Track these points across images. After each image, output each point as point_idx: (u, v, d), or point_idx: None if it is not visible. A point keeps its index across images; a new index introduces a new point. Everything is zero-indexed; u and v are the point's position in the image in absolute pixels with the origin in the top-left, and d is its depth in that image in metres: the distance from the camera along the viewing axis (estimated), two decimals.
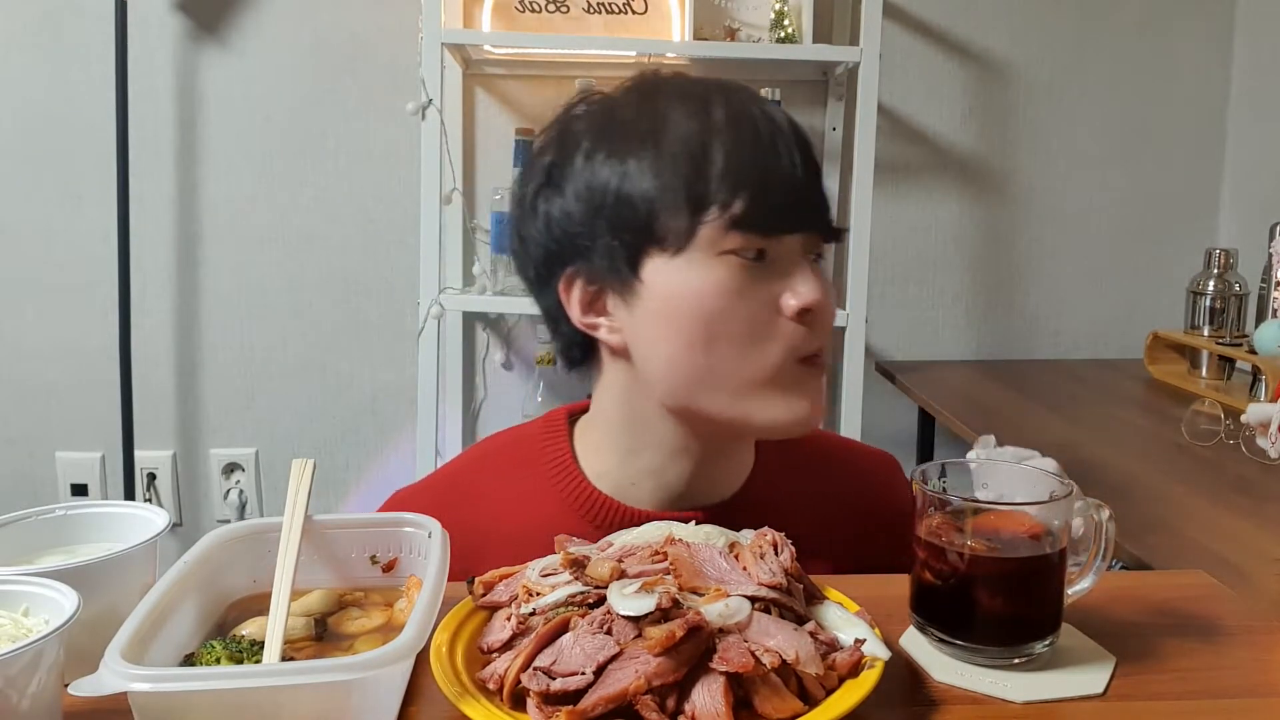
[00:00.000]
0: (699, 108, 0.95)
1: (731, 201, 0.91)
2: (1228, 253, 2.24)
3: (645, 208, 0.93)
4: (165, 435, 2.53)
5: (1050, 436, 1.90)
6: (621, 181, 0.94)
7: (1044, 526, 0.78)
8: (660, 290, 0.95)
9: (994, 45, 2.53)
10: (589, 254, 0.97)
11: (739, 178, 0.92)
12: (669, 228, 0.93)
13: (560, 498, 1.05)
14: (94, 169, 2.39)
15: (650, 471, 1.04)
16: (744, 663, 0.65)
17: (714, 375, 0.95)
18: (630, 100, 0.99)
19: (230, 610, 0.82)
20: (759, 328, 0.94)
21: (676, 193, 0.92)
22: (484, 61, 2.44)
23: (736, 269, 0.93)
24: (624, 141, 0.95)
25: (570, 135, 0.99)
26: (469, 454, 1.18)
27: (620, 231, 0.95)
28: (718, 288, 0.92)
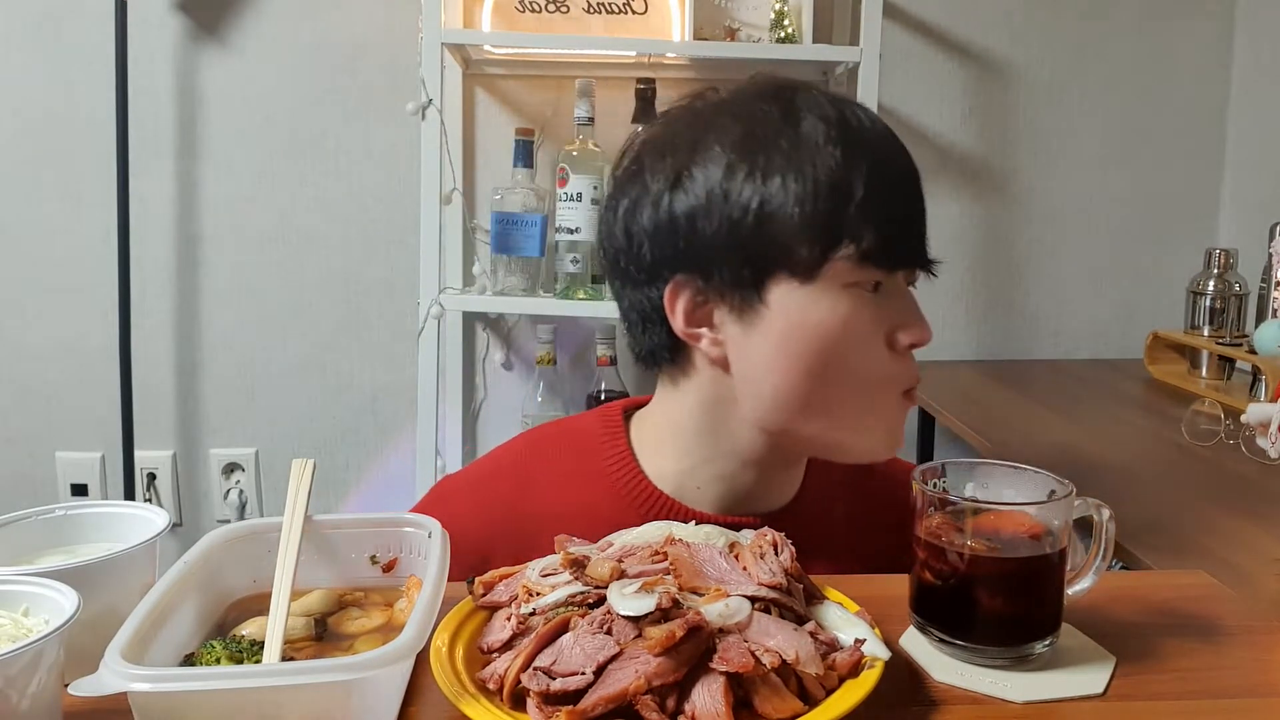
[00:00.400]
0: (842, 133, 0.93)
1: (863, 236, 0.92)
2: (1228, 253, 2.24)
3: (783, 233, 0.92)
4: (165, 435, 2.53)
5: (1050, 436, 1.90)
6: (763, 203, 0.92)
7: (1044, 526, 0.78)
8: (784, 316, 0.94)
9: (994, 45, 2.53)
10: (711, 266, 0.95)
11: (875, 212, 0.92)
12: (803, 255, 0.92)
13: (617, 494, 1.05)
14: (94, 169, 2.39)
15: (719, 477, 1.04)
16: (744, 663, 0.65)
17: (821, 404, 0.96)
18: (771, 114, 0.96)
19: (230, 610, 0.82)
20: (872, 361, 0.95)
21: (817, 223, 0.91)
22: (484, 61, 2.44)
23: (858, 302, 0.94)
24: (768, 161, 0.93)
25: (706, 140, 0.96)
26: (519, 445, 1.16)
27: (752, 252, 0.93)
28: (843, 321, 0.93)
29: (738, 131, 0.95)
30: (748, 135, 0.95)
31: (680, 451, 1.05)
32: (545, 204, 2.27)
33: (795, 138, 0.93)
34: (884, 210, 0.93)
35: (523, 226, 2.22)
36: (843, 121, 0.94)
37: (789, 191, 0.92)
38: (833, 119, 0.94)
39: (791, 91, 0.97)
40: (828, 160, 0.92)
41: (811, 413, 0.97)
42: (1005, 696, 0.73)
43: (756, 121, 0.95)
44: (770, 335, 0.95)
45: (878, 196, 0.92)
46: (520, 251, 2.23)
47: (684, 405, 1.04)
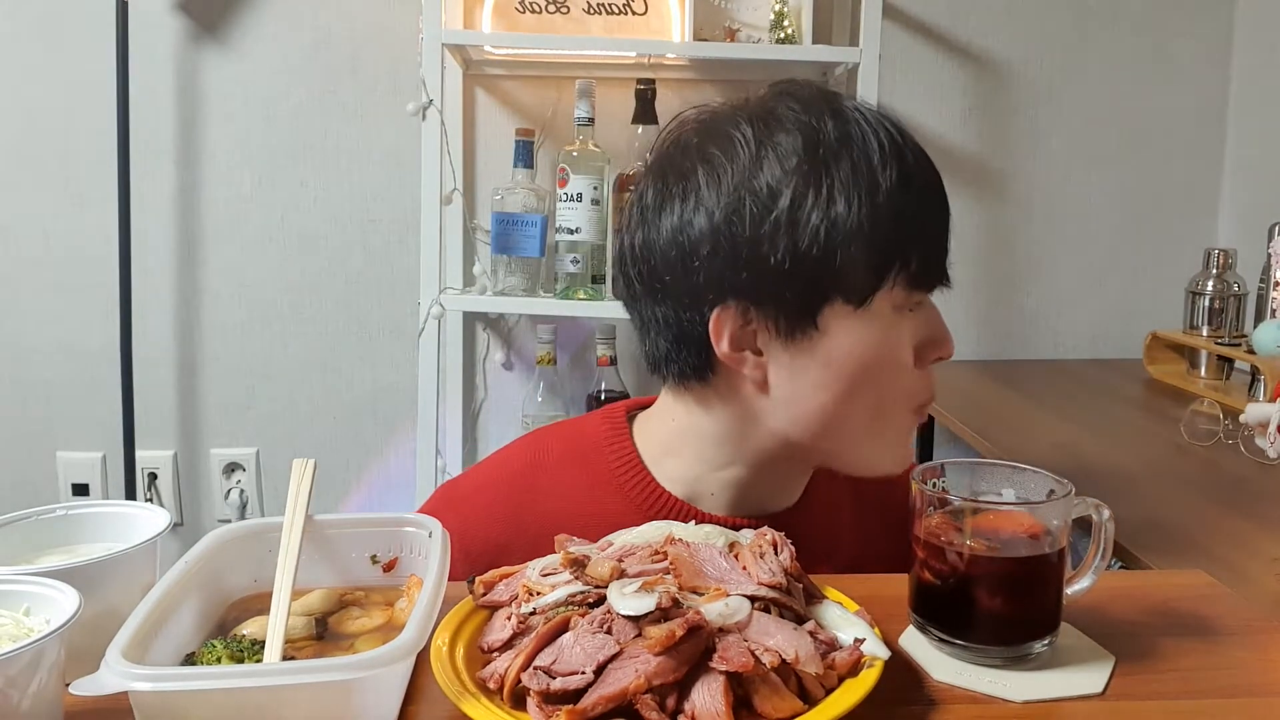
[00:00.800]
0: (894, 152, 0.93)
1: (912, 259, 0.93)
2: (1227, 253, 2.24)
3: (843, 260, 0.91)
4: (166, 435, 2.53)
5: (1050, 436, 1.90)
6: (829, 232, 0.90)
7: (1043, 526, 0.78)
8: (836, 341, 0.94)
9: (994, 45, 2.53)
10: (767, 292, 0.93)
11: (923, 233, 0.94)
12: (858, 281, 0.92)
13: (627, 498, 1.04)
14: (94, 169, 2.39)
15: (731, 484, 1.04)
16: (744, 662, 0.66)
17: (851, 421, 0.97)
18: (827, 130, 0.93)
19: (231, 610, 0.82)
20: (903, 379, 0.97)
21: (875, 249, 0.91)
22: (484, 62, 2.44)
23: (901, 324, 0.95)
24: (831, 186, 0.91)
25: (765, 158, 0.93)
26: (523, 448, 1.14)
27: (812, 279, 0.92)
28: (890, 346, 0.95)
29: (799, 150, 0.92)
30: (809, 156, 0.91)
31: (695, 458, 1.04)
32: (545, 204, 2.27)
33: (856, 159, 0.92)
34: (930, 230, 0.94)
35: (523, 227, 2.22)
36: (891, 138, 0.93)
37: (853, 218, 0.90)
38: (885, 137, 0.93)
39: (837, 102, 0.96)
40: (887, 183, 0.91)
41: (837, 429, 0.98)
42: (1004, 696, 0.73)
43: (815, 140, 0.92)
44: (819, 359, 0.94)
45: (925, 217, 0.94)
46: (520, 252, 2.23)
47: (706, 417, 1.03)
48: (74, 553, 0.82)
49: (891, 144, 0.93)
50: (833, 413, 0.96)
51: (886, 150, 0.92)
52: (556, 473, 1.08)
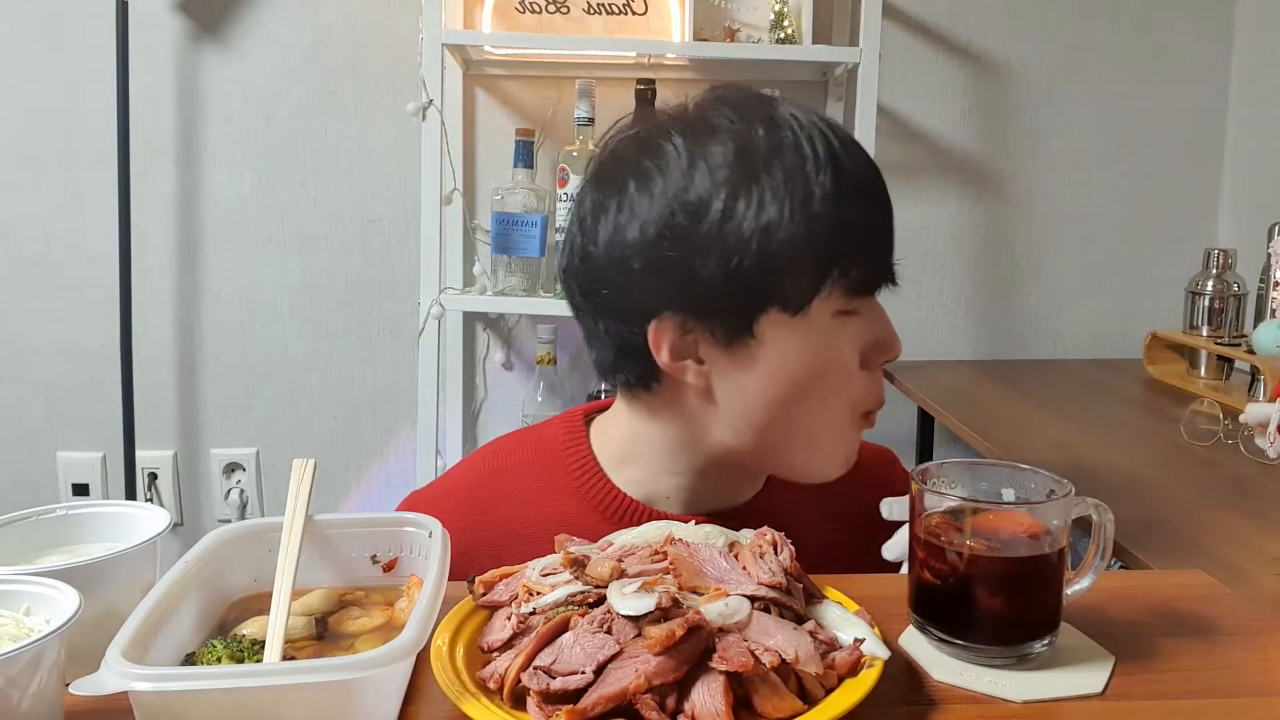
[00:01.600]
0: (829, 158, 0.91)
1: (851, 265, 0.92)
2: (1226, 253, 2.24)
3: (777, 268, 0.90)
4: (166, 435, 2.53)
5: (1049, 436, 1.90)
6: (760, 241, 0.89)
7: (1043, 526, 0.78)
8: (773, 348, 0.93)
9: (993, 45, 2.53)
10: (703, 303, 0.93)
11: (862, 239, 0.92)
12: (794, 289, 0.91)
13: (584, 500, 1.05)
14: (95, 169, 2.39)
15: (687, 487, 1.05)
16: (744, 662, 0.65)
17: (795, 429, 0.97)
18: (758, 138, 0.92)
19: (231, 610, 0.82)
20: (847, 386, 0.96)
21: (810, 257, 0.90)
22: (484, 62, 2.44)
23: (841, 329, 0.94)
24: (762, 195, 0.90)
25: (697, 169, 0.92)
26: (485, 455, 1.15)
27: (747, 288, 0.91)
28: (828, 352, 0.94)
29: (729, 159, 0.91)
30: (740, 165, 0.91)
31: (647, 464, 1.06)
32: (545, 204, 2.27)
33: (789, 167, 0.90)
34: (869, 235, 0.93)
35: (523, 227, 2.22)
36: (826, 144, 0.92)
37: (784, 226, 0.89)
38: (820, 143, 0.92)
39: (772, 109, 0.95)
40: (821, 190, 0.90)
41: (776, 434, 0.97)
42: (1004, 696, 0.73)
43: (747, 149, 0.92)
44: (757, 366, 0.94)
45: (862, 222, 0.92)
46: (520, 251, 2.23)
47: (656, 425, 1.04)
48: (74, 553, 0.82)
49: (827, 150, 0.91)
50: (777, 421, 0.96)
51: (820, 157, 0.91)
52: (516, 479, 1.09)
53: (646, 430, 1.04)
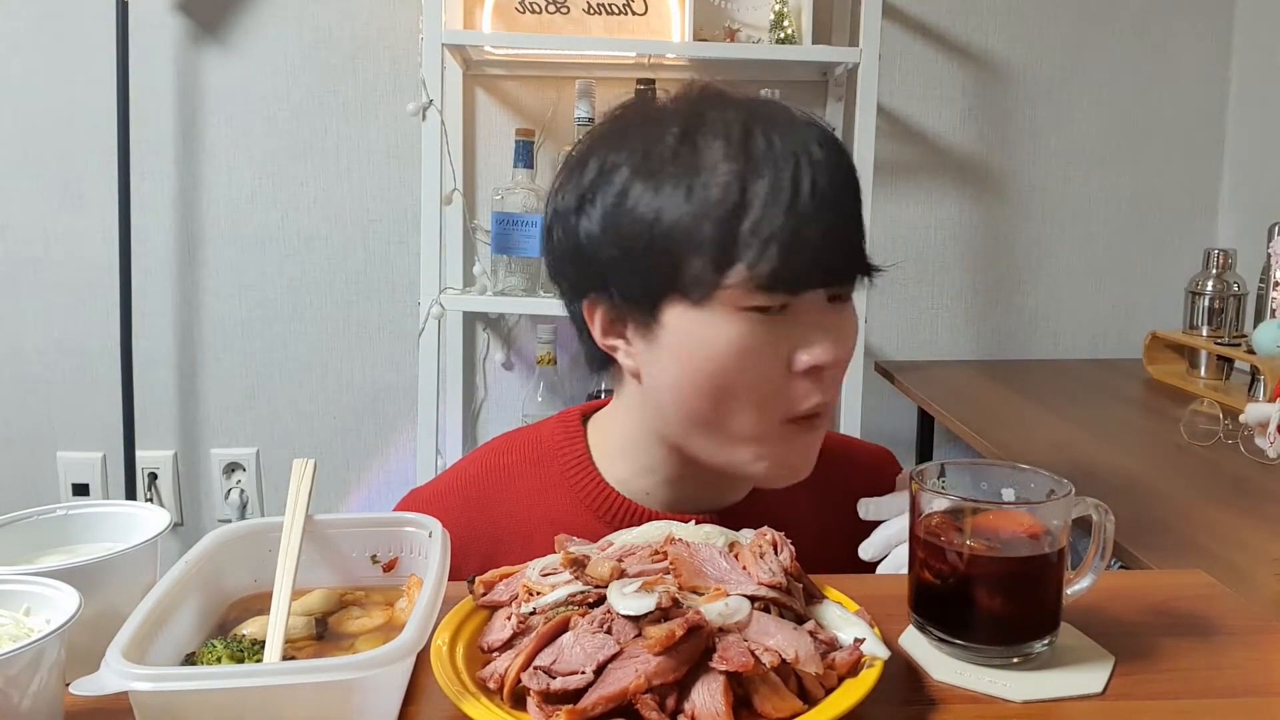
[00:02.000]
0: (741, 151, 0.90)
1: (760, 261, 0.89)
2: (1226, 253, 2.24)
3: (674, 255, 0.91)
4: (166, 435, 2.53)
5: (1049, 436, 1.90)
6: (653, 226, 0.91)
7: (1043, 526, 0.78)
8: (677, 337, 0.93)
9: (993, 45, 2.53)
10: (613, 286, 0.95)
11: (771, 236, 0.88)
12: (694, 278, 0.91)
13: (577, 498, 1.07)
14: (95, 169, 2.39)
15: (665, 482, 1.06)
16: (744, 662, 0.66)
17: (712, 425, 0.96)
18: (672, 127, 0.94)
19: (231, 610, 0.82)
20: (767, 385, 0.93)
21: (706, 245, 0.89)
22: (484, 62, 2.44)
23: (755, 325, 0.91)
24: (661, 182, 0.91)
25: (611, 154, 0.95)
26: (483, 453, 1.17)
27: (647, 274, 0.93)
28: (734, 346, 0.91)
29: (639, 151, 0.93)
30: (647, 155, 0.93)
31: (628, 460, 1.07)
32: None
33: (691, 157, 0.91)
34: (783, 232, 0.88)
35: (523, 227, 2.22)
36: (747, 138, 0.91)
37: (679, 212, 0.90)
38: (735, 136, 0.91)
39: (706, 105, 0.95)
40: (720, 179, 0.89)
41: (700, 432, 0.97)
42: (1004, 696, 0.73)
43: (657, 140, 0.93)
44: (665, 353, 0.95)
45: (775, 218, 0.88)
46: (520, 251, 2.23)
47: (627, 414, 1.06)
48: (74, 553, 0.82)
49: (745, 143, 0.91)
50: (698, 414, 0.95)
51: (733, 149, 0.90)
52: (511, 476, 1.10)
53: (623, 423, 1.07)
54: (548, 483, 1.08)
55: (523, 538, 1.01)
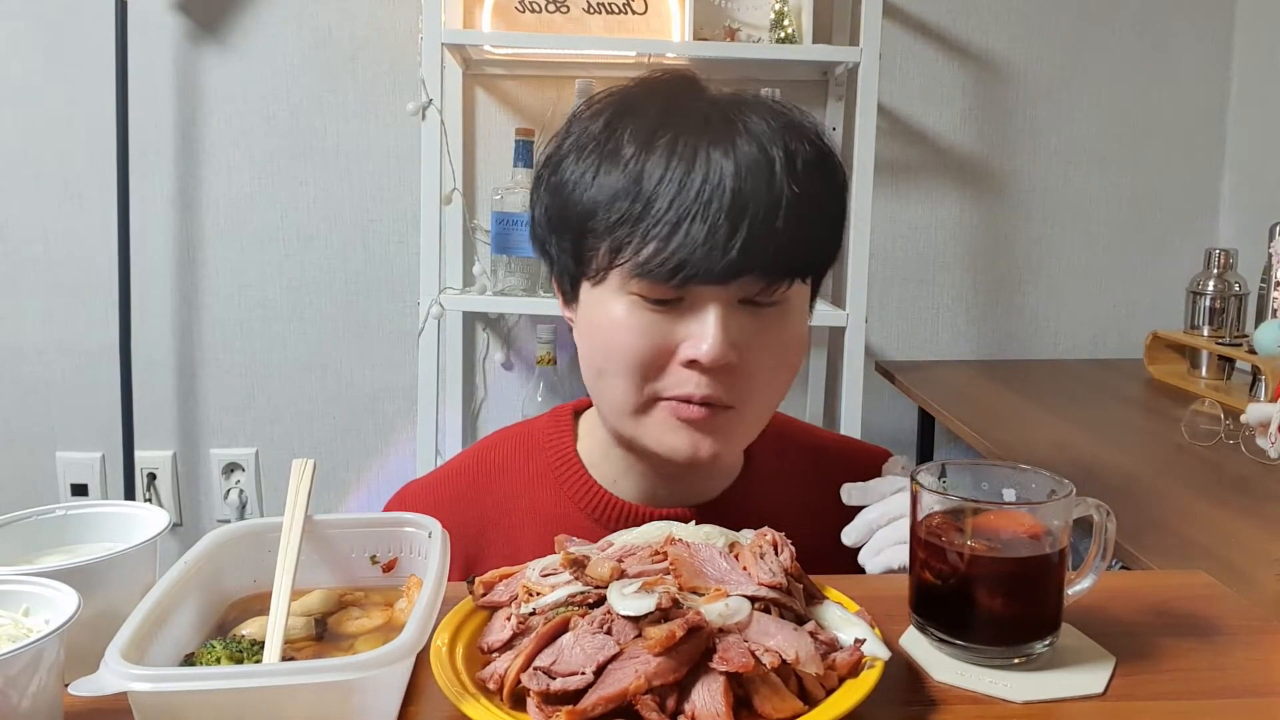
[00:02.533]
0: (647, 138, 0.93)
1: (641, 249, 0.91)
2: (1227, 253, 2.24)
3: (580, 234, 0.96)
4: (165, 435, 2.53)
5: (1050, 436, 1.90)
6: (569, 201, 0.96)
7: (1043, 526, 0.78)
8: (584, 312, 1.00)
9: (994, 45, 2.53)
10: (553, 261, 1.02)
11: (652, 224, 0.90)
12: (593, 258, 0.96)
13: (562, 490, 1.09)
14: (94, 169, 2.39)
15: (622, 471, 1.08)
16: (744, 662, 0.65)
17: (605, 397, 1.01)
18: (610, 110, 0.98)
19: (230, 610, 0.82)
20: (646, 368, 0.95)
21: (602, 227, 0.94)
22: (484, 62, 2.44)
23: (638, 310, 0.94)
24: (582, 159, 0.96)
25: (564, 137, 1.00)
26: (476, 447, 1.20)
27: (564, 251, 0.99)
28: (615, 325, 0.95)
29: (576, 134, 0.99)
30: (580, 137, 0.98)
31: (597, 444, 1.10)
32: None
33: (608, 143, 0.95)
34: (663, 226, 0.90)
35: (523, 226, 2.21)
36: (660, 129, 0.93)
37: (587, 194, 0.94)
38: (648, 126, 0.94)
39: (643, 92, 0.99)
40: (621, 165, 0.93)
41: (603, 402, 1.02)
42: (1005, 696, 0.73)
43: (588, 126, 0.98)
44: (578, 331, 1.02)
45: (661, 210, 0.90)
46: (520, 251, 2.23)
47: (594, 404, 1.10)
48: (74, 553, 0.82)
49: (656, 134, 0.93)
50: (593, 382, 1.02)
51: (643, 139, 0.93)
52: (501, 469, 1.13)
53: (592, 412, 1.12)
54: (535, 474, 1.11)
55: (507, 529, 1.05)
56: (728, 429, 0.98)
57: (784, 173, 0.92)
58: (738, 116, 0.94)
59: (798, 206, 0.92)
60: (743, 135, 0.93)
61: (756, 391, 0.98)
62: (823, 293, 2.47)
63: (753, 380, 0.96)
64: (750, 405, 0.98)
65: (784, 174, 0.92)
